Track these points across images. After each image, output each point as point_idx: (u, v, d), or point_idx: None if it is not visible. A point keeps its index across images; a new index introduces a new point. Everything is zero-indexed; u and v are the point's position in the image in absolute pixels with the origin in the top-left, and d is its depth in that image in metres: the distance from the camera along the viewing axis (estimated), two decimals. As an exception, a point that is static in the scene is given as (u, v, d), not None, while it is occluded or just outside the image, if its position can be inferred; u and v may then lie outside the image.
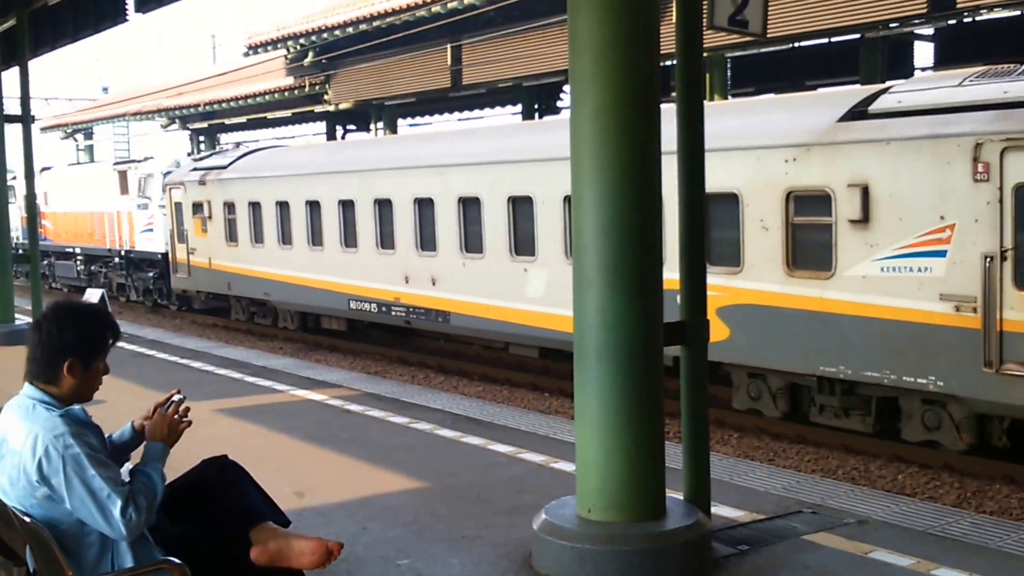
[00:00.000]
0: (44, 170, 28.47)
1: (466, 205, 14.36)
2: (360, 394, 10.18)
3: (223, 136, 35.41)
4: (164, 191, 22.41)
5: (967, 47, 16.80)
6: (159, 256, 23.28)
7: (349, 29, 22.36)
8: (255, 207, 19.18)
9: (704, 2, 5.34)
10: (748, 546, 5.33)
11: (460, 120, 27.66)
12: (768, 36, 6.64)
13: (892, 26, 15.06)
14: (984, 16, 15.91)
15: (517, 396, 13.57)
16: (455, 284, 14.65)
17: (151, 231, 23.68)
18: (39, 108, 41.13)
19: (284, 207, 18.30)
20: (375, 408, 9.33)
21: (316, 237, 17.52)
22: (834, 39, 17.28)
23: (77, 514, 3.28)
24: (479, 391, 13.85)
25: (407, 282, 15.50)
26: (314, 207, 17.49)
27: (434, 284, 15.02)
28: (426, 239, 15.12)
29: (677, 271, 5.46)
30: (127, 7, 13.94)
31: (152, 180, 23.61)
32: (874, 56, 16.28)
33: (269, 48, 25.51)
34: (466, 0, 18.86)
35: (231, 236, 19.96)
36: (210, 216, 20.48)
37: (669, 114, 5.18)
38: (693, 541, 4.97)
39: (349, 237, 16.72)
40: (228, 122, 32.21)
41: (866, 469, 9.85)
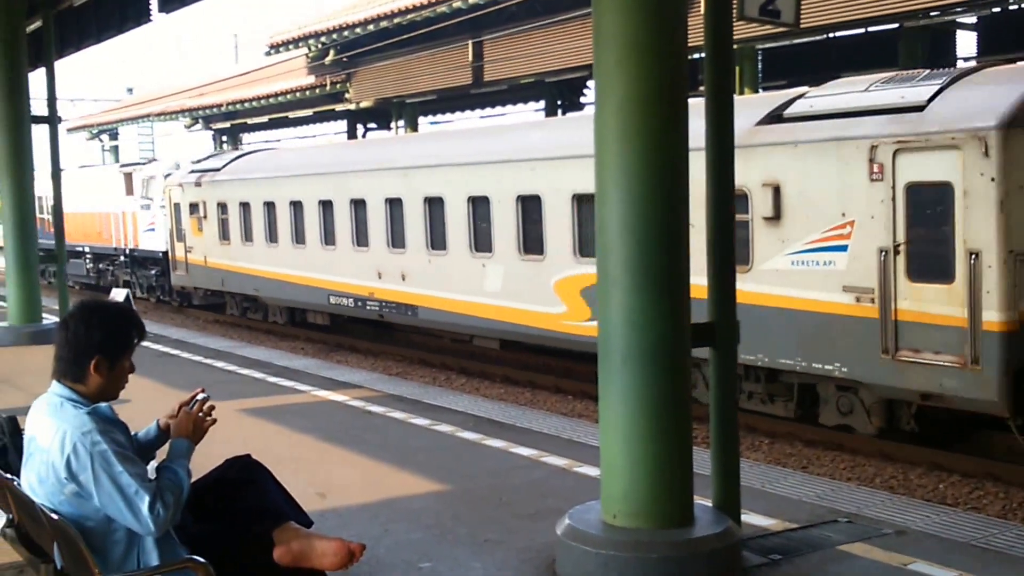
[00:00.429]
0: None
1: (431, 205, 15.20)
2: (382, 395, 10.14)
3: (245, 136, 35.57)
4: (164, 192, 23.37)
5: (1011, 36, 16.27)
6: (160, 254, 24.26)
7: (370, 27, 22.34)
8: (245, 207, 20.12)
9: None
10: (780, 556, 5.20)
11: (482, 117, 27.59)
12: (801, 26, 6.47)
13: (933, 15, 14.62)
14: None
15: (540, 398, 13.47)
16: (422, 279, 15.55)
17: (153, 230, 24.67)
18: (65, 109, 41.45)
19: (271, 207, 19.27)
20: (397, 409, 9.28)
21: (299, 236, 18.47)
22: (871, 29, 16.88)
23: (105, 510, 3.32)
24: (501, 393, 13.78)
25: (380, 278, 16.42)
26: (297, 207, 18.45)
27: (404, 280, 15.95)
28: (396, 237, 16.03)
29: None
30: (151, 7, 14.01)
31: (154, 182, 24.56)
32: (914, 46, 15.81)
33: (290, 47, 25.56)
34: (487, -5, 18.81)
35: (224, 235, 20.91)
36: (205, 216, 21.46)
37: (697, 109, 5.05)
38: (722, 550, 4.86)
39: (328, 236, 17.65)
40: (250, 122, 32.35)
41: (905, 477, 9.64)
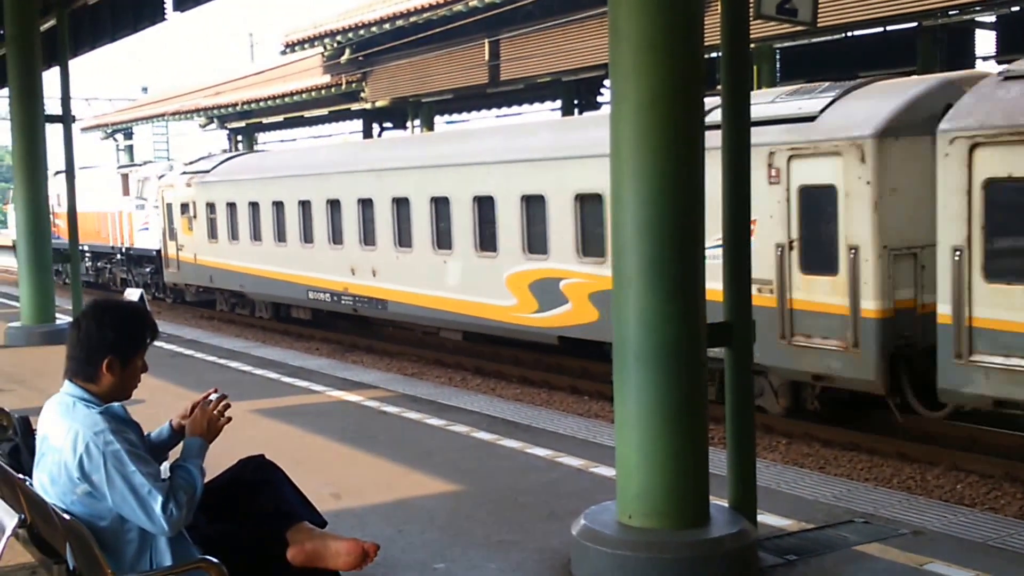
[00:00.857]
0: (57, 173, 29.78)
1: (399, 205, 16.21)
2: (396, 395, 10.13)
3: (260, 135, 35.64)
4: (158, 192, 24.40)
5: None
6: (154, 253, 25.24)
7: (386, 25, 22.34)
8: (232, 207, 21.13)
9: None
10: (796, 556, 5.18)
11: (498, 116, 27.57)
12: (819, 25, 6.44)
13: (951, 14, 14.56)
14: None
15: (556, 399, 13.45)
16: (391, 275, 16.53)
17: (147, 230, 25.70)
18: (80, 108, 41.72)
19: (255, 207, 20.30)
20: (412, 410, 9.26)
21: (280, 234, 19.51)
22: (890, 28, 16.79)
23: (118, 510, 3.31)
24: (517, 393, 13.76)
25: (353, 274, 17.40)
26: (279, 207, 19.48)
27: (374, 275, 16.93)
28: (367, 235, 17.04)
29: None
30: (165, 6, 14.05)
31: (148, 183, 25.71)
32: (933, 46, 15.76)
33: (306, 46, 25.59)
34: (504, -7, 18.79)
35: (212, 234, 21.91)
36: (195, 216, 22.49)
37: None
38: (737, 550, 4.84)
39: (307, 234, 18.68)
40: (265, 121, 32.43)
41: (922, 478, 9.59)
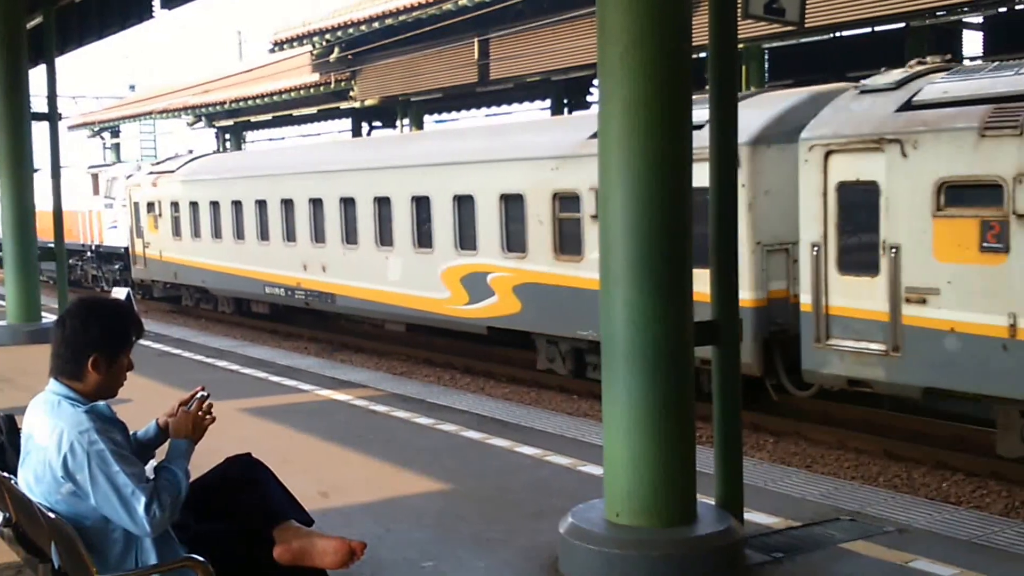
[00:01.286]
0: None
1: (346, 204, 17.13)
2: (385, 395, 10.12)
3: (249, 133, 35.55)
4: (126, 192, 25.20)
5: (1017, 35, 16.25)
6: (122, 250, 25.95)
7: (375, 24, 22.32)
8: (194, 206, 22.07)
9: (738, -10, 5.19)
10: (783, 554, 5.20)
11: (488, 115, 27.57)
12: (807, 25, 6.47)
13: (939, 14, 14.64)
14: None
15: (545, 398, 13.47)
16: (339, 270, 17.46)
17: (116, 228, 26.50)
18: (66, 106, 41.48)
19: (216, 206, 21.23)
20: (400, 409, 9.26)
21: (239, 232, 20.41)
22: (878, 28, 16.87)
23: (101, 510, 3.29)
24: (506, 393, 13.78)
25: (305, 269, 18.36)
26: (238, 206, 20.39)
27: (324, 271, 17.86)
28: (318, 233, 17.96)
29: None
30: (153, 4, 14.00)
31: (117, 182, 26.66)
32: (920, 46, 15.78)
33: (295, 44, 25.55)
34: (494, -7, 18.79)
35: (176, 231, 22.85)
36: (160, 214, 23.45)
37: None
38: (724, 547, 4.88)
39: (263, 232, 19.61)
40: (254, 119, 32.36)
41: (908, 476, 9.67)
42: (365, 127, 30.38)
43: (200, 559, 3.27)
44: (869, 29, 17.00)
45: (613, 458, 4.92)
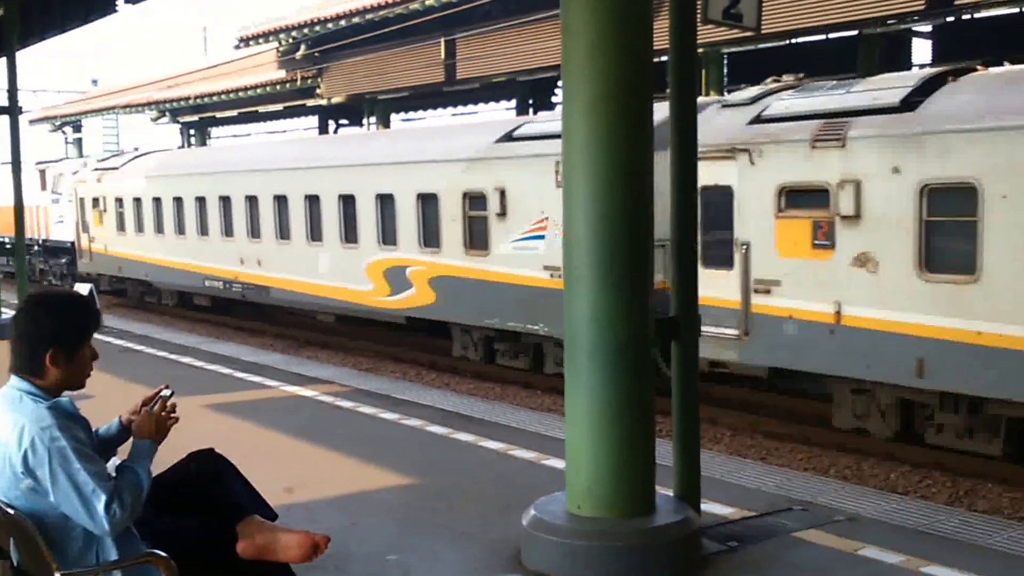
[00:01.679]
0: None
1: (279, 201, 18.14)
2: (351, 390, 10.15)
3: (214, 130, 35.28)
4: (72, 188, 25.77)
5: (965, 44, 16.69)
6: (69, 244, 26.50)
7: (342, 22, 22.26)
8: (138, 202, 22.91)
9: (699, -4, 5.30)
10: (738, 543, 5.32)
11: (454, 115, 27.58)
12: (763, 31, 6.61)
13: (890, 22, 14.97)
14: (982, 13, 15.85)
15: (509, 393, 13.56)
16: (274, 264, 18.48)
17: (62, 222, 27.04)
18: (27, 100, 40.91)
19: (158, 202, 22.11)
20: (366, 404, 9.30)
21: (181, 227, 21.31)
22: (832, 35, 17.18)
23: (61, 508, 3.24)
24: (471, 388, 13.85)
25: (242, 263, 19.33)
26: (179, 202, 21.30)
27: (260, 265, 18.87)
28: (254, 228, 18.93)
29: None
30: (116, -2, 13.86)
31: (63, 178, 27.06)
32: (872, 53, 16.19)
33: (261, 41, 25.40)
34: (460, -7, 18.84)
35: (121, 226, 23.73)
36: (105, 209, 24.27)
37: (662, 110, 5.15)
38: (682, 538, 4.96)
39: (203, 227, 20.55)
40: (219, 115, 32.09)
41: (858, 468, 9.90)
42: (332, 125, 30.27)
43: (162, 554, 3.24)
44: (824, 36, 17.30)
45: (575, 452, 5.00)
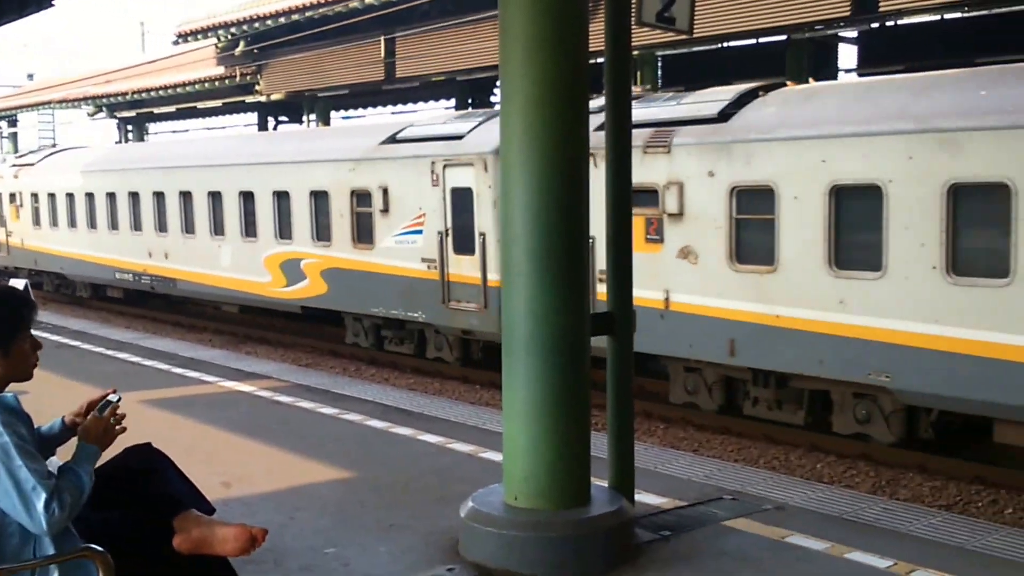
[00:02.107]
0: None
1: (184, 197, 19.20)
2: (290, 385, 10.14)
3: (152, 125, 34.77)
4: None
5: (889, 50, 17.20)
6: None
7: (281, 19, 22.11)
8: (52, 197, 23.91)
9: (633, -1, 5.41)
10: (670, 532, 5.44)
11: (394, 113, 27.49)
12: (696, 35, 6.78)
13: (817, 28, 15.36)
14: (905, 20, 16.35)
15: (448, 388, 13.63)
16: (180, 257, 19.60)
17: None
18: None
19: (71, 197, 23.07)
20: (305, 399, 9.30)
21: (93, 222, 22.33)
22: (762, 40, 17.56)
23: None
24: (410, 383, 13.89)
25: (150, 256, 20.49)
26: (91, 198, 22.29)
27: (166, 258, 20.00)
28: (161, 223, 20.01)
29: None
30: (53, -9, 13.63)
31: None
32: (799, 57, 16.56)
33: (199, 37, 25.11)
34: (400, -8, 18.84)
35: (36, 221, 24.74)
36: (22, 204, 25.29)
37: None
38: (616, 527, 5.06)
39: (113, 222, 21.63)
40: (157, 111, 31.67)
41: (786, 458, 10.17)
42: (271, 122, 30.02)
43: (99, 549, 3.21)
44: (754, 40, 17.66)
45: (512, 444, 5.07)
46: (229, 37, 24.42)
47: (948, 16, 16.11)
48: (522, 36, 4.88)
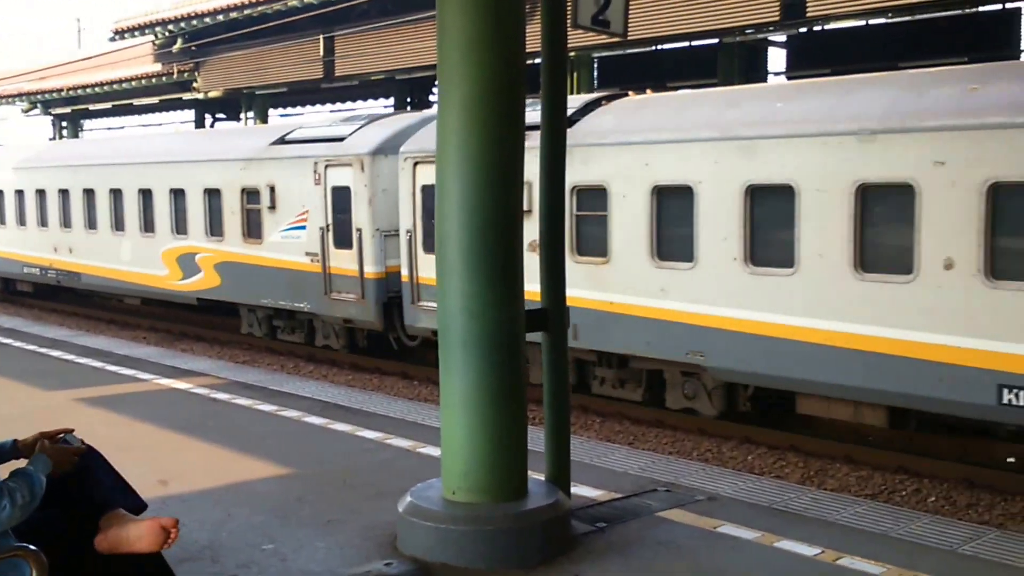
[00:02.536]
0: None
1: (88, 194, 20.03)
2: (227, 382, 10.08)
3: (87, 122, 34.20)
4: None
5: (816, 54, 17.63)
6: None
7: (220, 16, 21.95)
8: None
9: (569, 1, 5.47)
10: (606, 523, 5.52)
11: (332, 111, 27.34)
12: (629, 37, 6.90)
13: (747, 32, 15.68)
14: (833, 25, 16.77)
15: (387, 384, 13.64)
16: (83, 252, 20.37)
17: None
18: None
19: None
20: (242, 396, 9.25)
21: (1, 218, 23.18)
22: (694, 43, 17.86)
23: None
24: (348, 379, 13.87)
25: (56, 251, 21.21)
26: (0, 195, 23.22)
27: (71, 253, 20.73)
28: (66, 219, 20.81)
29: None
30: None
31: None
32: (731, 60, 16.88)
33: (137, 34, 24.84)
34: (340, -10, 18.79)
35: None
36: None
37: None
38: (553, 520, 5.12)
39: (21, 218, 22.49)
40: (92, 108, 31.19)
41: (719, 450, 10.37)
42: (209, 119, 29.72)
43: (32, 548, 3.23)
44: (687, 44, 17.94)
45: (450, 439, 5.11)
46: (167, 34, 24.17)
47: (873, 22, 16.59)
48: (459, 36, 4.92)
